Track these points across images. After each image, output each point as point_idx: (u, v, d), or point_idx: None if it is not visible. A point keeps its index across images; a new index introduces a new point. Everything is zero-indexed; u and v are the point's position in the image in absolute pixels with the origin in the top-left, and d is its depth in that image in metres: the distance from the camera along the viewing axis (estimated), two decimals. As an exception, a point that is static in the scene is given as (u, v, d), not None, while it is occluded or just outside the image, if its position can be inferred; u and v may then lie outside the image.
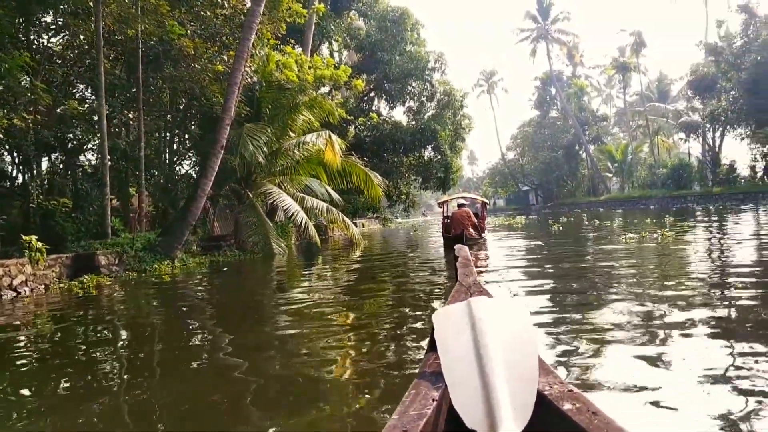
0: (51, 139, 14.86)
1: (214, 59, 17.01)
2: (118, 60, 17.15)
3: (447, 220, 17.02)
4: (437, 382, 1.46)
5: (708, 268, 8.59)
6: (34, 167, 15.48)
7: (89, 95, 17.80)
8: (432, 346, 1.69)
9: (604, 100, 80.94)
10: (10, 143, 14.67)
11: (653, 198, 47.57)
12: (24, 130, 13.42)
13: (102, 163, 14.38)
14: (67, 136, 16.36)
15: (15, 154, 15.66)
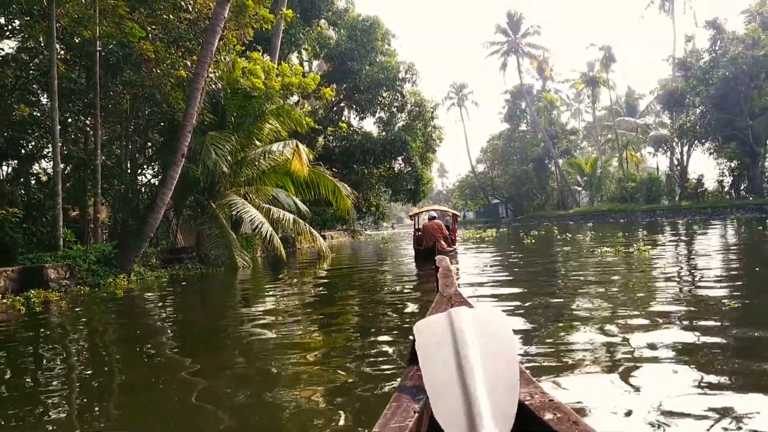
0: (2, 145, 14.09)
1: (177, 64, 16.35)
2: (76, 63, 16.40)
3: (419, 233, 16.72)
4: (418, 395, 1.47)
5: (687, 283, 8.30)
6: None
7: (45, 100, 17.00)
8: (413, 359, 1.72)
9: (573, 114, 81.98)
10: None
11: (622, 212, 47.84)
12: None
13: (54, 170, 13.61)
14: (20, 143, 15.61)
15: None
